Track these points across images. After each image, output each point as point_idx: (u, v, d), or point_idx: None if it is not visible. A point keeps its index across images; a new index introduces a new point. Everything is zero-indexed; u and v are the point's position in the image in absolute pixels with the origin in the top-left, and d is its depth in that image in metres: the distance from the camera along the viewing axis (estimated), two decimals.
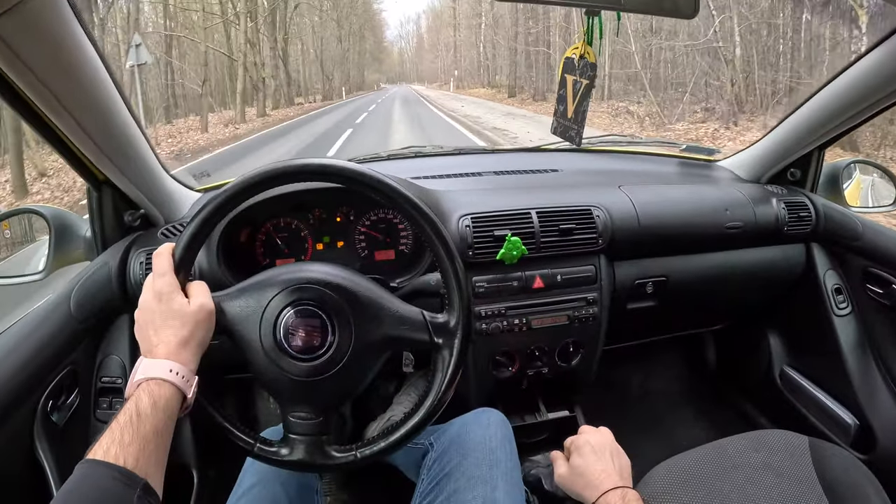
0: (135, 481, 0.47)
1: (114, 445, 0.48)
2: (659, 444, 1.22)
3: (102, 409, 0.99)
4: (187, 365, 0.58)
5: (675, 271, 1.13)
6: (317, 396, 0.65)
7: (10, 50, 0.65)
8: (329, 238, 1.05)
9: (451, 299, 0.68)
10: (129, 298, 1.00)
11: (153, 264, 0.63)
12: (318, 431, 0.65)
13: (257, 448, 0.66)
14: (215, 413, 0.65)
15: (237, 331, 0.64)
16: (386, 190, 0.66)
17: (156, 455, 0.51)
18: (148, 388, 0.54)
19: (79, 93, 0.79)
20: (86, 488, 0.46)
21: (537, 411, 1.15)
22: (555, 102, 0.93)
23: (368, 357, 0.65)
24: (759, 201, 1.18)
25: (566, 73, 0.91)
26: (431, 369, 0.68)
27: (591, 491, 0.71)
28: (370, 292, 0.66)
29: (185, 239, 0.62)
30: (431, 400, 0.67)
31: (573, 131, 0.91)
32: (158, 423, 0.52)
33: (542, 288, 1.02)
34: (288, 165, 0.64)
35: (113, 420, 0.51)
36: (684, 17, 0.94)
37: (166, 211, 1.08)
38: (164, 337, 0.58)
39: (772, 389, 1.33)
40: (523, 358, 1.05)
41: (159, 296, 0.60)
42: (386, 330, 0.65)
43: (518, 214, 1.00)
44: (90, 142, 0.87)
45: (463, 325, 0.67)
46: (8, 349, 0.82)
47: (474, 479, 0.75)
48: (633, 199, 1.09)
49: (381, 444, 0.66)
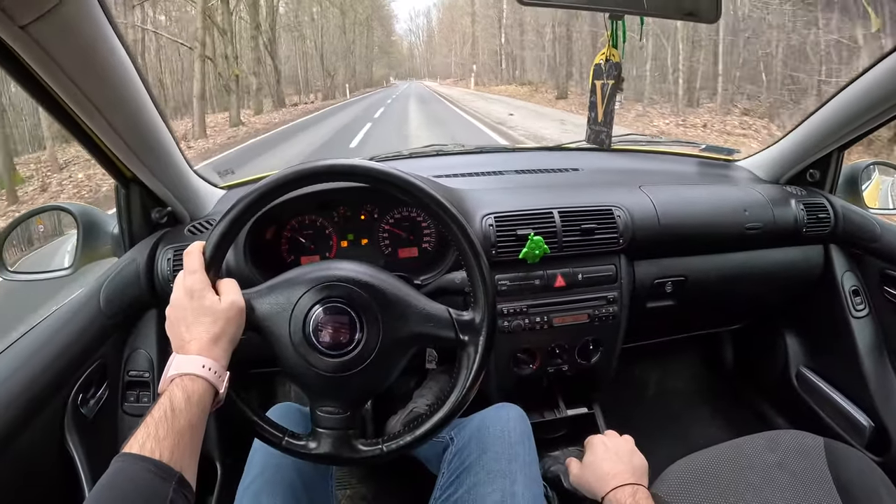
0: (170, 474, 0.49)
1: (149, 440, 0.50)
2: (675, 443, 1.24)
3: (130, 403, 1.02)
4: (219, 361, 0.59)
5: (695, 271, 1.14)
6: (344, 392, 0.67)
7: (44, 53, 0.67)
8: (353, 236, 1.07)
9: (476, 297, 0.69)
10: (156, 294, 1.02)
11: (184, 262, 0.64)
12: (346, 426, 0.67)
13: (285, 442, 0.67)
14: (245, 407, 0.67)
15: (267, 327, 0.65)
16: (413, 189, 0.67)
17: (190, 449, 0.52)
18: (181, 383, 0.55)
19: (109, 93, 0.81)
20: (122, 482, 0.47)
21: (556, 408, 1.17)
22: (587, 110, 0.94)
23: (395, 353, 0.67)
24: (779, 202, 1.19)
25: (595, 80, 0.93)
26: (456, 366, 0.70)
27: (601, 485, 0.73)
28: (397, 290, 0.68)
29: (216, 237, 0.64)
30: (456, 396, 0.68)
31: (604, 134, 0.93)
32: (192, 418, 0.54)
33: (564, 287, 1.03)
34: (317, 166, 0.66)
35: (147, 415, 0.52)
36: (706, 22, 0.95)
37: (192, 208, 1.10)
38: (196, 333, 0.60)
39: (788, 389, 1.34)
40: (544, 355, 1.07)
41: (191, 293, 0.62)
42: (412, 327, 0.67)
43: (540, 214, 1.01)
44: (120, 140, 0.89)
45: (488, 322, 0.68)
46: (40, 343, 0.84)
47: (493, 472, 0.77)
48: (653, 200, 1.10)
49: (407, 439, 0.68)
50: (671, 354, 1.58)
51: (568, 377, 1.11)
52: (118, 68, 0.79)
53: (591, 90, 0.93)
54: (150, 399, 1.02)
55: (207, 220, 1.08)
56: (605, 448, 0.79)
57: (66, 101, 0.78)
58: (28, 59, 0.68)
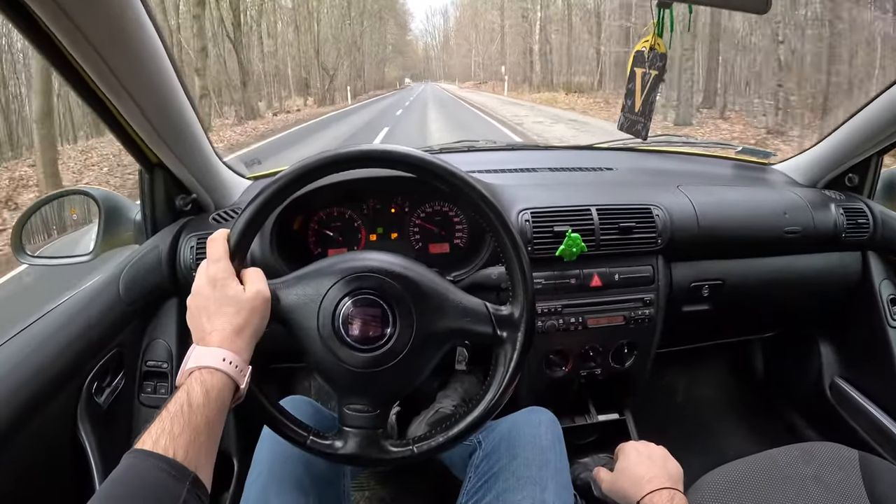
0: (184, 474, 0.46)
1: (164, 436, 0.47)
2: (704, 453, 1.21)
3: (146, 393, 0.99)
4: (241, 354, 0.56)
5: (732, 275, 1.11)
6: (374, 389, 0.63)
7: (75, 28, 0.65)
8: (383, 229, 1.05)
9: (515, 291, 0.66)
10: (178, 282, 1.00)
11: (208, 250, 0.61)
12: (374, 425, 0.64)
13: (310, 441, 0.64)
14: (267, 404, 0.64)
15: (294, 319, 0.62)
16: (449, 177, 0.64)
17: (206, 447, 0.49)
18: (200, 376, 0.52)
19: (139, 73, 0.79)
20: (133, 479, 0.45)
21: (587, 413, 1.14)
22: (623, 98, 0.92)
23: (429, 349, 0.64)
24: (818, 206, 1.16)
25: (635, 67, 0.90)
26: (492, 364, 0.66)
27: (637, 489, 0.70)
28: (433, 282, 0.64)
29: (241, 225, 0.61)
30: (491, 396, 0.65)
31: (640, 125, 0.90)
32: (210, 414, 0.51)
33: (600, 287, 1.00)
34: (349, 152, 0.62)
35: (163, 409, 0.49)
36: (755, 12, 0.93)
37: (217, 197, 1.08)
38: (218, 324, 0.57)
39: (821, 400, 1.31)
40: (577, 358, 1.04)
41: (214, 282, 0.59)
42: (448, 321, 0.63)
43: (578, 211, 0.99)
44: (147, 123, 0.87)
45: (527, 318, 0.65)
46: (56, 328, 0.82)
47: (523, 479, 0.74)
48: (692, 200, 1.07)
49: (440, 440, 0.65)
50: (700, 361, 1.55)
51: (599, 381, 1.08)
52: (146, 44, 0.77)
53: (629, 77, 0.91)
54: (167, 391, 0.99)
55: (233, 209, 1.06)
56: (637, 453, 0.77)
57: (93, 79, 0.75)
58: (55, 31, 0.66)
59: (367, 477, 1.28)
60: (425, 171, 0.63)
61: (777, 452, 0.84)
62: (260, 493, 0.71)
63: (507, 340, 0.65)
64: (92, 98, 0.81)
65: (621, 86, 10.50)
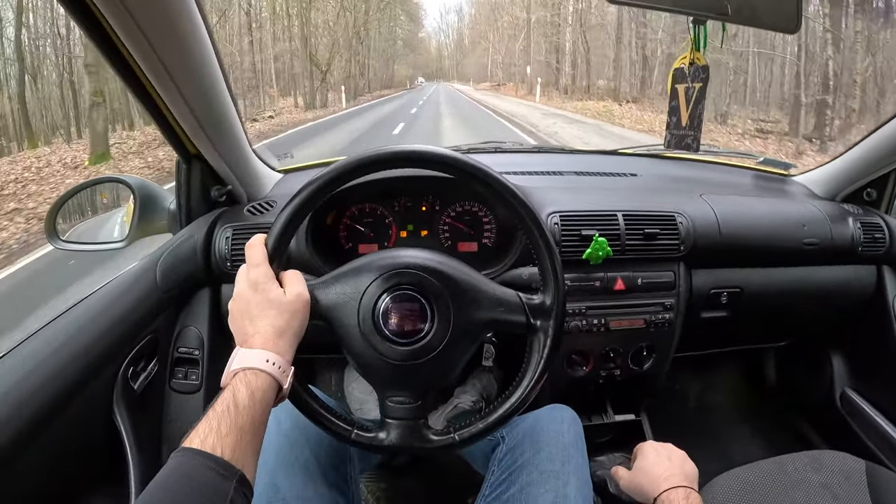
0: (231, 472, 0.47)
1: (211, 435, 0.48)
2: (714, 458, 1.23)
3: (177, 379, 1.02)
4: (283, 355, 0.58)
5: (751, 283, 1.14)
6: (415, 380, 0.66)
7: (130, 17, 0.67)
8: (413, 226, 1.07)
9: (545, 280, 0.69)
10: (211, 272, 1.02)
11: (247, 256, 0.63)
12: (416, 415, 0.66)
13: (354, 434, 0.66)
14: (311, 401, 0.67)
15: (335, 317, 0.64)
16: (481, 175, 0.66)
17: (252, 446, 0.51)
18: (245, 378, 0.54)
19: (187, 66, 0.82)
20: (181, 477, 0.46)
21: (604, 412, 1.17)
22: (667, 117, 0.95)
23: (466, 340, 0.67)
24: (836, 219, 1.19)
25: (676, 84, 0.94)
26: (527, 351, 0.69)
27: (654, 486, 0.73)
28: (468, 276, 0.67)
29: (278, 229, 0.63)
30: (528, 381, 0.68)
31: (689, 138, 0.93)
32: (255, 414, 0.52)
33: (623, 290, 1.03)
34: (383, 153, 0.65)
35: (209, 409, 0.51)
36: (786, 32, 0.96)
37: (250, 189, 1.11)
38: (261, 327, 0.58)
39: (831, 411, 1.34)
40: (597, 358, 1.07)
41: (255, 286, 0.60)
42: (483, 313, 0.66)
43: (605, 215, 1.02)
44: (190, 114, 0.90)
45: (559, 305, 0.68)
46: (96, 312, 0.84)
47: (546, 473, 0.77)
48: (715, 209, 1.10)
49: (480, 426, 0.67)
50: (712, 367, 1.58)
51: (618, 382, 1.11)
52: (197, 41, 0.80)
53: (670, 95, 0.94)
54: (197, 377, 1.02)
55: (266, 201, 1.08)
56: (656, 453, 0.79)
57: (142, 68, 0.78)
58: (108, 17, 0.68)
59: (376, 476, 1.30)
60: (463, 171, 0.66)
61: (786, 459, 0.86)
62: (269, 477, 0.74)
63: (540, 329, 0.68)
64: (139, 88, 0.83)
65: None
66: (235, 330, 0.61)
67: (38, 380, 0.70)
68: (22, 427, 0.65)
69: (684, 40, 0.92)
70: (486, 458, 0.89)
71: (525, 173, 1.20)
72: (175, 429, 1.00)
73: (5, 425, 0.63)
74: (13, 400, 0.65)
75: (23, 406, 0.66)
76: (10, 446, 0.63)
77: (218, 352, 1.04)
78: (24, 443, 0.65)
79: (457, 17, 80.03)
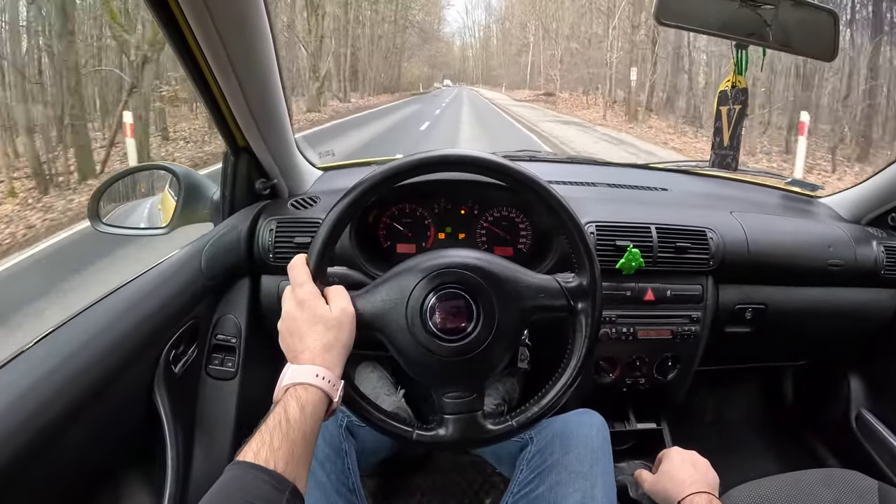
0: (284, 485, 0.49)
1: (263, 448, 0.50)
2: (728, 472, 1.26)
3: (214, 366, 1.05)
4: (333, 369, 0.60)
5: (775, 301, 1.17)
6: (467, 375, 0.70)
7: (206, 10, 0.72)
8: (451, 229, 1.11)
9: (580, 262, 0.73)
10: (253, 262, 1.06)
11: (290, 276, 0.66)
12: (472, 408, 0.70)
13: (416, 435, 0.69)
14: (371, 409, 0.70)
15: (383, 324, 0.67)
16: (531, 183, 0.71)
17: (303, 459, 0.53)
18: (295, 393, 0.56)
19: (250, 59, 0.86)
20: (236, 491, 0.48)
21: (627, 420, 1.21)
22: (712, 136, 0.99)
23: (512, 331, 0.70)
24: (860, 242, 1.22)
25: (720, 106, 0.98)
26: (571, 333, 0.73)
27: (678, 490, 0.76)
28: (506, 269, 0.71)
29: (318, 248, 0.67)
30: (574, 362, 0.72)
31: (730, 157, 0.98)
32: (306, 428, 0.54)
33: (653, 301, 1.07)
34: (429, 157, 0.69)
35: (262, 423, 0.54)
36: (823, 60, 1.01)
37: (293, 184, 1.15)
38: (309, 343, 0.61)
39: (846, 430, 1.37)
40: (624, 366, 1.11)
41: (301, 304, 0.63)
42: (526, 302, 0.70)
43: (639, 228, 1.06)
44: (245, 107, 0.94)
45: (596, 285, 0.72)
46: (142, 295, 0.88)
47: (575, 473, 0.81)
48: (744, 226, 1.13)
49: (534, 410, 0.72)
50: (731, 382, 1.62)
51: (641, 391, 1.15)
52: (261, 37, 0.84)
53: (716, 116, 0.98)
54: (233, 364, 1.05)
55: (309, 197, 1.12)
56: (681, 458, 0.82)
57: (208, 60, 0.82)
58: (186, 11, 0.72)
59: (380, 467, 1.33)
60: (511, 177, 0.71)
61: (800, 474, 0.89)
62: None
63: (580, 311, 0.72)
64: (199, 77, 0.87)
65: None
66: (286, 348, 0.63)
67: (84, 358, 0.73)
68: (70, 402, 0.68)
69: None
70: (512, 459, 0.92)
71: (560, 183, 1.23)
72: (209, 414, 1.03)
73: (53, 401, 0.66)
74: (60, 377, 0.68)
75: (69, 383, 0.69)
76: (57, 421, 0.66)
77: (254, 341, 1.07)
78: (71, 417, 0.68)
79: (485, 13, 70.28)
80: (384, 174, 0.68)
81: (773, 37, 0.93)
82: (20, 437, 0.61)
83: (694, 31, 0.96)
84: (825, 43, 0.97)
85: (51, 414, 0.65)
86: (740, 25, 0.92)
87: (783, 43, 0.95)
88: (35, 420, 0.63)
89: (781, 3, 0.91)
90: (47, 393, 0.66)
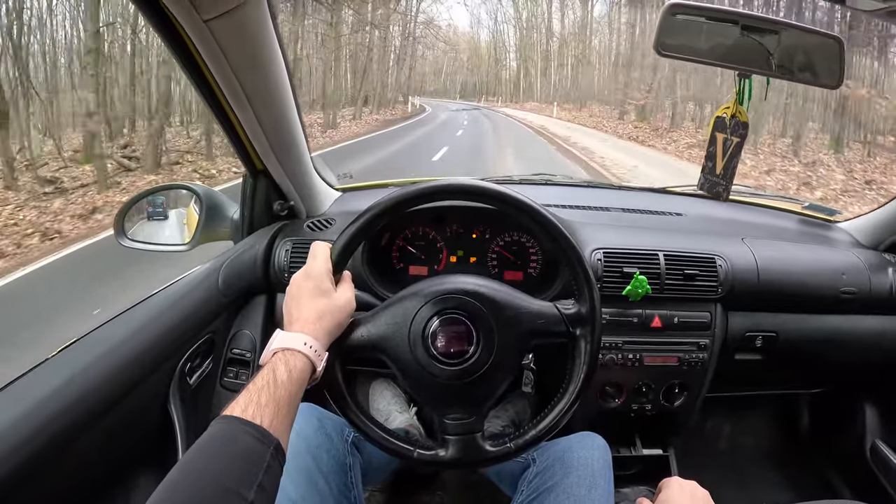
0: (269, 440, 0.54)
1: (251, 405, 0.56)
2: (740, 498, 1.33)
3: (229, 378, 1.15)
4: (319, 340, 0.67)
5: (786, 329, 1.23)
6: (468, 397, 0.77)
7: (217, 46, 0.82)
8: (463, 252, 1.20)
9: (579, 289, 0.79)
10: (269, 281, 1.16)
11: (311, 250, 0.75)
12: (472, 430, 0.77)
13: (416, 454, 0.77)
14: (373, 426, 0.77)
15: (387, 346, 0.75)
16: (534, 214, 0.79)
17: (287, 419, 0.59)
18: (284, 357, 0.63)
19: (264, 90, 0.96)
20: (223, 441, 0.53)
21: (632, 445, 1.28)
22: (704, 159, 1.06)
23: (511, 355, 0.77)
24: (876, 269, 1.26)
25: (716, 132, 1.04)
26: (570, 358, 0.80)
27: None
28: (507, 295, 0.78)
29: (343, 241, 0.75)
30: (573, 387, 0.78)
31: (721, 187, 1.04)
32: (291, 391, 0.60)
33: (660, 328, 1.14)
34: (449, 184, 0.78)
35: (250, 383, 0.59)
36: (829, 87, 1.05)
37: (310, 205, 1.25)
38: (304, 312, 0.68)
39: (860, 461, 1.42)
40: (630, 392, 1.18)
41: (308, 275, 0.71)
42: (525, 327, 0.77)
43: (647, 254, 1.13)
44: (262, 135, 1.04)
45: (595, 313, 0.78)
46: (160, 310, 0.98)
47: (573, 497, 0.87)
48: (755, 254, 1.19)
49: (533, 433, 0.78)
50: (743, 410, 1.67)
51: (648, 417, 1.22)
52: (275, 68, 0.94)
53: (710, 140, 1.05)
54: (247, 377, 1.15)
55: (325, 219, 1.22)
56: (680, 488, 0.87)
57: (224, 93, 0.92)
58: (202, 51, 0.82)
59: (386, 484, 1.41)
60: (510, 204, 0.78)
61: None
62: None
63: (580, 337, 0.79)
64: (216, 106, 0.98)
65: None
66: (285, 313, 0.71)
67: (103, 369, 0.82)
68: (87, 410, 0.77)
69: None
70: (514, 479, 1.00)
71: (574, 207, 1.31)
72: None
73: (70, 409, 0.75)
74: (78, 386, 0.77)
75: (87, 392, 0.78)
76: (73, 428, 0.75)
77: None
78: (88, 425, 0.77)
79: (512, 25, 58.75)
80: (415, 191, 0.78)
81: (776, 66, 0.97)
82: (37, 442, 0.69)
83: (696, 61, 1.01)
84: (831, 70, 0.99)
85: (67, 421, 0.74)
86: (742, 55, 0.96)
87: (787, 71, 0.99)
88: (52, 426, 0.72)
89: (784, 31, 0.94)
90: (65, 401, 0.75)
